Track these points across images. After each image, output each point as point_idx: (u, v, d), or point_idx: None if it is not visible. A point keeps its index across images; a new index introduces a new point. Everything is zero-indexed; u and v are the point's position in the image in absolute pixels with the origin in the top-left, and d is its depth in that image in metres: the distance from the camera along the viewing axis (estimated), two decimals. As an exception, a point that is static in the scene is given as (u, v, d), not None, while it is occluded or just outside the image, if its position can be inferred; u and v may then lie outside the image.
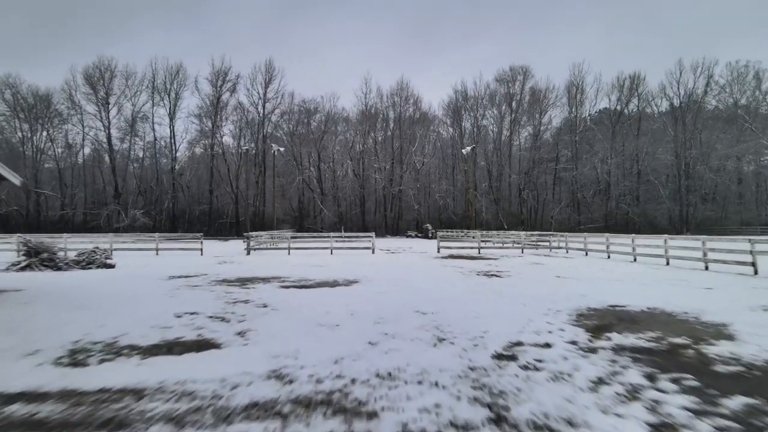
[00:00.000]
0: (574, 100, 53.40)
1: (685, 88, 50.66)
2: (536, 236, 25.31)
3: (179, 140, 55.23)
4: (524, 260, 17.06)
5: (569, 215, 51.73)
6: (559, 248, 22.62)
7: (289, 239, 21.81)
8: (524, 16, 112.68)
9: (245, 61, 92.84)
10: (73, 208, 52.91)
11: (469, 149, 43.55)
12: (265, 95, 53.95)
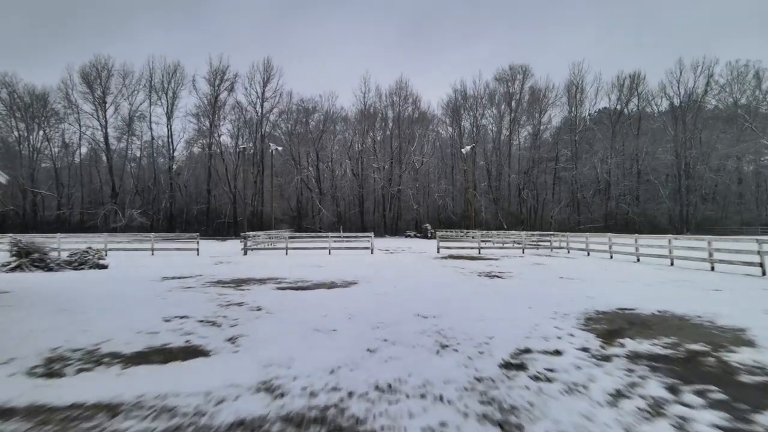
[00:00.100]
0: (573, 99, 53.17)
1: (685, 87, 50.53)
2: (537, 236, 25.04)
3: (177, 140, 54.95)
4: (526, 261, 16.79)
5: (569, 215, 51.49)
6: (560, 248, 22.36)
7: (287, 239, 21.50)
8: (524, 15, 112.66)
9: (244, 61, 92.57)
10: (69, 207, 52.52)
11: (468, 148, 43.28)
12: (263, 94, 53.64)
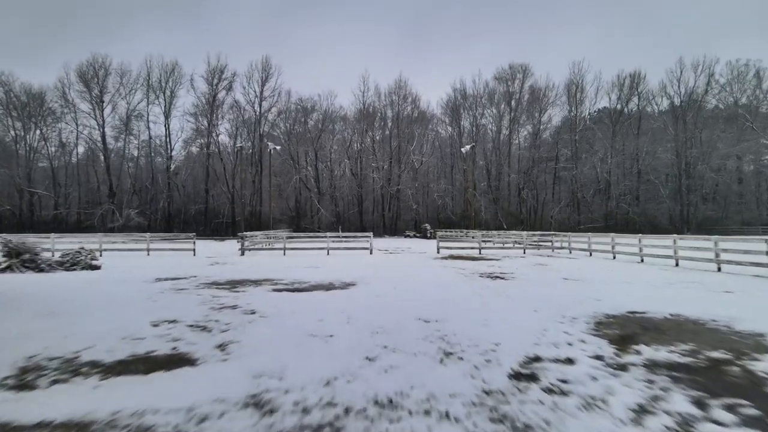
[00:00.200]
0: (573, 98, 52.87)
1: (685, 86, 50.26)
2: (538, 236, 24.76)
3: (174, 139, 54.52)
4: (527, 261, 16.51)
5: (569, 215, 51.23)
6: (561, 248, 22.09)
7: (284, 239, 21.19)
8: (524, 15, 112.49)
9: (244, 61, 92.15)
10: (66, 207, 52.08)
11: (468, 148, 43.01)
12: (261, 93, 53.24)
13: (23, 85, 51.05)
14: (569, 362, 4.03)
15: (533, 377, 3.62)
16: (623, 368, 3.86)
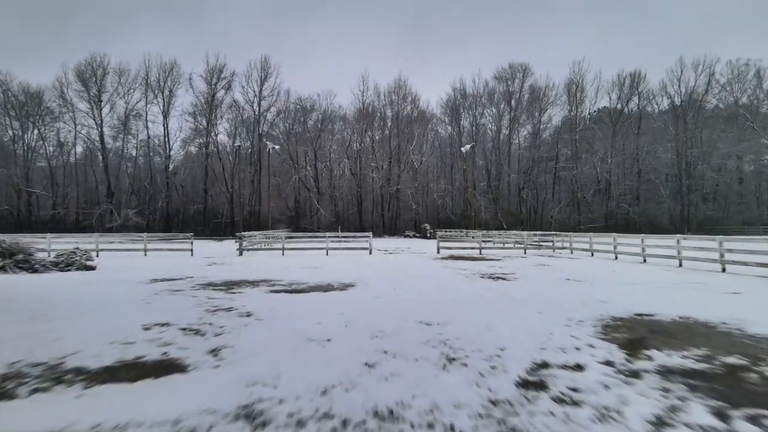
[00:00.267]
0: (574, 98, 52.70)
1: (686, 86, 50.11)
2: (539, 236, 24.57)
3: (173, 139, 54.33)
4: (528, 261, 16.32)
5: (569, 215, 51.07)
6: (562, 249, 21.91)
7: (283, 239, 20.99)
8: (523, 15, 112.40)
9: (244, 61, 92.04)
10: (65, 207, 51.81)
11: (468, 147, 42.83)
12: (260, 93, 53.03)
13: (21, 84, 50.88)
14: (578, 369, 3.83)
15: (542, 385, 3.43)
16: (636, 375, 3.67)
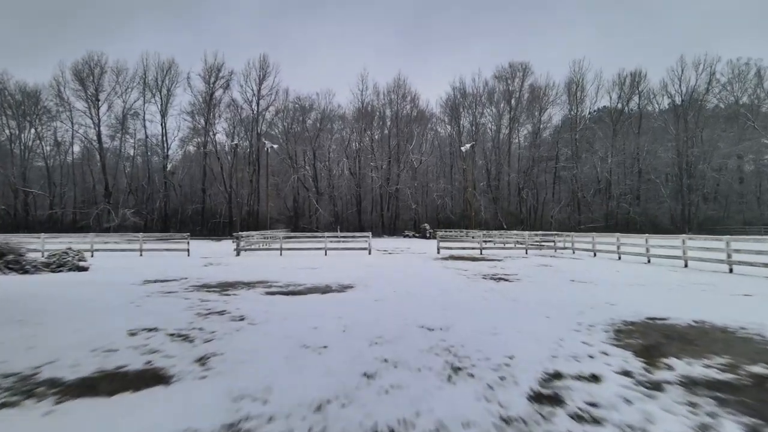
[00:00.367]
0: (574, 97, 52.43)
1: (686, 85, 49.89)
2: (540, 236, 24.28)
3: (171, 138, 53.97)
4: (530, 262, 16.04)
5: (569, 215, 50.81)
6: (564, 249, 21.64)
7: (281, 239, 20.68)
8: (523, 15, 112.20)
9: (243, 62, 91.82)
10: (62, 207, 51.44)
11: (468, 146, 42.55)
12: (259, 92, 52.67)
13: (18, 83, 50.47)
14: (595, 380, 3.54)
15: (557, 400, 3.14)
16: (657, 387, 3.38)
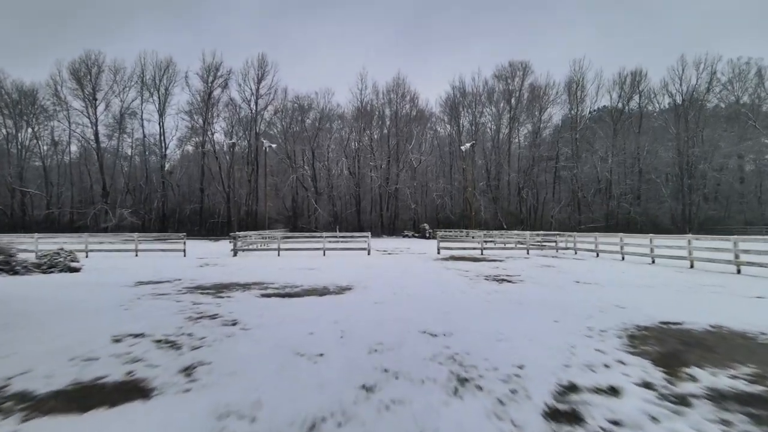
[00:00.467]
0: (574, 96, 52.17)
1: (687, 84, 49.64)
2: (541, 236, 24.00)
3: (169, 137, 53.62)
4: (532, 262, 15.75)
5: (569, 214, 50.56)
6: (566, 249, 21.36)
7: (279, 239, 20.38)
8: (523, 15, 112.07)
9: (243, 61, 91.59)
10: (59, 207, 51.06)
11: (468, 146, 42.28)
12: (257, 91, 52.35)
13: (15, 82, 50.12)
14: (614, 393, 3.25)
15: (575, 417, 2.85)
16: (683, 402, 3.09)
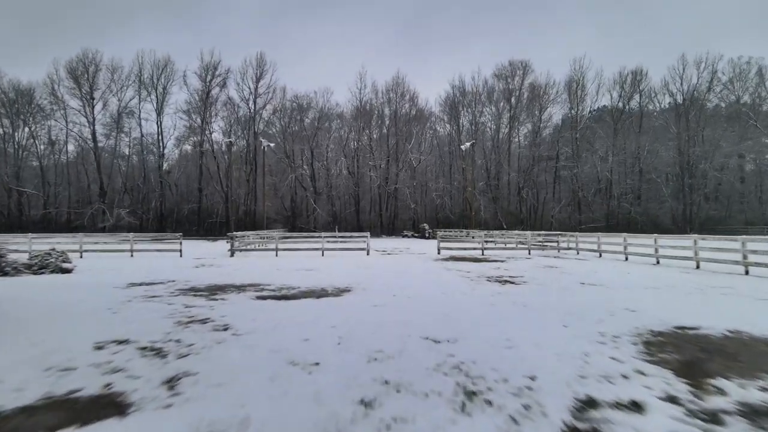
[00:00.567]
0: (574, 96, 51.86)
1: (688, 84, 49.40)
2: (543, 236, 23.72)
3: (167, 137, 53.33)
4: (535, 263, 15.46)
5: (570, 214, 50.30)
6: (568, 249, 21.08)
7: (277, 239, 20.09)
8: (523, 15, 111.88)
9: (242, 60, 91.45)
10: (56, 207, 50.68)
11: (468, 145, 42.02)
12: (256, 90, 51.98)
13: (11, 81, 49.70)
14: (637, 408, 2.97)
15: (598, 438, 2.56)
16: (715, 419, 2.80)
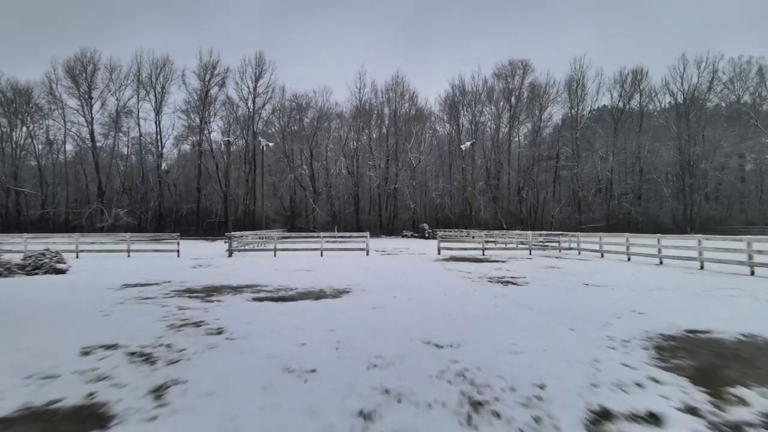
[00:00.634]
0: (575, 95, 51.76)
1: (688, 83, 49.28)
2: (543, 236, 23.54)
3: (165, 136, 53.03)
4: (536, 263, 15.27)
5: (570, 214, 50.15)
6: (569, 249, 20.90)
7: (275, 240, 19.89)
8: (523, 15, 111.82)
9: (241, 60, 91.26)
10: (54, 207, 50.45)
11: (468, 144, 41.84)
12: (255, 90, 51.88)
13: (9, 80, 49.53)
14: (655, 421, 2.77)
15: (616, 455, 2.36)
16: (740, 432, 2.61)
